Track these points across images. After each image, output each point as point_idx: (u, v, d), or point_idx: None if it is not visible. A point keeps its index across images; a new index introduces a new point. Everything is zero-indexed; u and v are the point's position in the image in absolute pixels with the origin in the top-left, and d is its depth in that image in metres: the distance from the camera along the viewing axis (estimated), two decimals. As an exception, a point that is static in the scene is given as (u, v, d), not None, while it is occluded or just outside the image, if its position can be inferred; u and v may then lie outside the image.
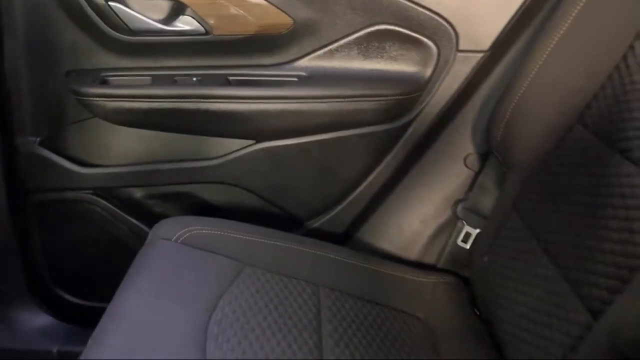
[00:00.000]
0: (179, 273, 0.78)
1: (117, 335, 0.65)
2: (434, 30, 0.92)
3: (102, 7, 0.87)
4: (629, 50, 0.70)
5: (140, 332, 0.66)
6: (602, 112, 0.70)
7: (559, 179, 0.71)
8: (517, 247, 0.75)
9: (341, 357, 0.72)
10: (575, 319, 0.58)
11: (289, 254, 0.90)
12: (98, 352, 0.62)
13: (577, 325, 0.57)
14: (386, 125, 0.98)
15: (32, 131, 0.97)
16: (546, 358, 0.60)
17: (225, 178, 1.02)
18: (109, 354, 0.62)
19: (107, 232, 1.06)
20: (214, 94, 0.93)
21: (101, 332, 0.66)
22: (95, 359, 0.61)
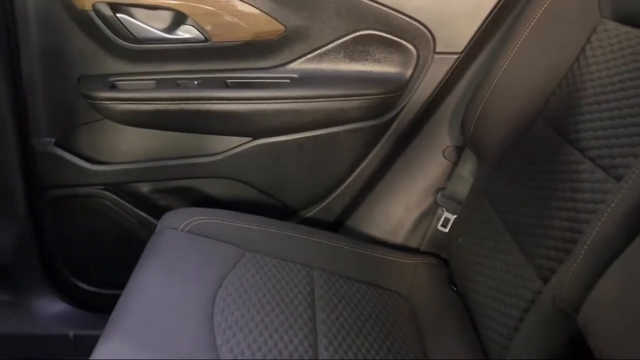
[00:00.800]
0: (186, 258, 0.87)
1: (134, 310, 0.74)
2: (413, 34, 1.01)
3: (110, 18, 0.96)
4: (581, 53, 0.79)
5: (155, 306, 0.75)
6: (558, 108, 0.80)
7: (521, 167, 0.81)
8: (486, 228, 0.84)
9: (332, 328, 0.81)
10: (530, 285, 0.68)
11: (285, 240, 0.99)
12: (120, 323, 0.71)
13: (531, 291, 0.67)
14: (371, 121, 1.07)
15: (47, 132, 1.05)
16: (505, 320, 0.70)
17: (225, 173, 1.11)
18: (129, 324, 0.71)
19: (117, 224, 1.14)
20: (213, 96, 1.02)
21: (121, 307, 0.75)
22: (117, 328, 0.70)
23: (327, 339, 0.79)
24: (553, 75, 0.82)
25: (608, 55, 0.74)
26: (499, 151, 0.88)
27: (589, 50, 0.78)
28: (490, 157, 0.91)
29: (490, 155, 0.91)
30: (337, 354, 0.76)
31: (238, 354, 0.71)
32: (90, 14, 0.95)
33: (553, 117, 0.80)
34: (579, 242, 0.58)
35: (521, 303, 0.68)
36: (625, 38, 0.72)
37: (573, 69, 0.80)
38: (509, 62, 0.88)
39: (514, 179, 0.82)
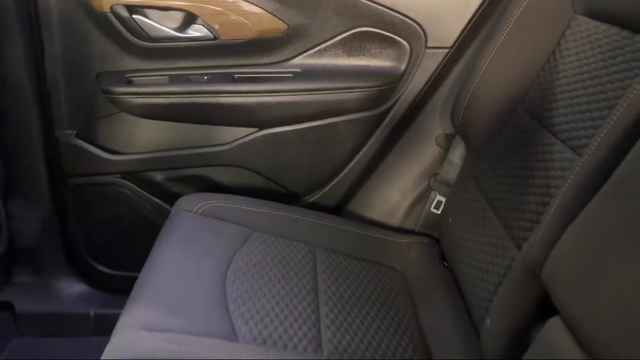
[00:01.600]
0: (200, 236, 0.96)
1: (155, 279, 0.83)
2: (406, 31, 1.09)
3: (126, 19, 1.04)
4: (557, 47, 0.87)
5: (173, 277, 0.84)
6: (536, 97, 0.88)
7: (503, 151, 0.89)
8: (472, 207, 0.93)
9: (333, 298, 0.90)
10: (507, 254, 0.76)
11: (290, 222, 1.08)
12: (143, 290, 0.80)
13: (508, 258, 0.75)
14: (368, 112, 1.15)
15: (69, 125, 1.14)
16: (486, 285, 0.78)
17: (233, 161, 1.19)
18: (151, 291, 0.80)
19: (134, 210, 1.23)
20: (222, 90, 1.11)
21: (143, 278, 0.83)
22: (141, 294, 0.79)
23: (328, 307, 0.87)
24: (532, 68, 0.90)
25: (579, 48, 0.82)
26: (484, 138, 0.96)
27: (564, 44, 0.86)
28: (476, 143, 0.99)
29: (477, 142, 0.99)
30: (337, 319, 0.85)
31: (249, 319, 0.79)
32: (108, 15, 1.04)
33: (531, 105, 0.88)
34: (546, 211, 0.66)
35: (500, 270, 0.76)
36: (594, 32, 0.80)
37: (550, 62, 0.88)
38: (492, 57, 0.96)
39: (497, 161, 0.90)
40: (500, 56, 0.96)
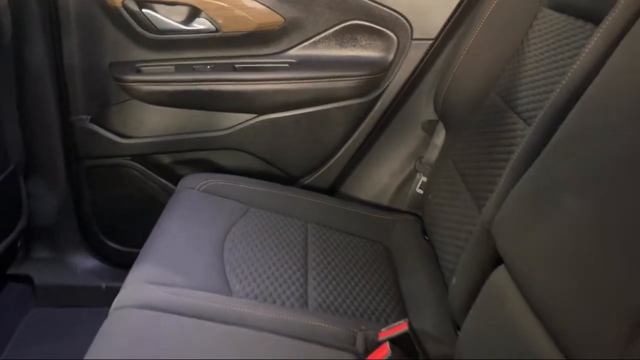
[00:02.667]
0: (201, 210, 1.06)
1: (160, 244, 0.92)
2: (393, 23, 1.18)
3: (136, 13, 1.14)
4: (525, 37, 0.96)
5: (176, 242, 0.93)
6: (507, 82, 0.96)
7: (476, 132, 0.98)
8: (449, 183, 1.02)
9: (321, 264, 0.99)
10: (473, 221, 0.85)
11: (285, 199, 1.17)
12: (149, 253, 0.90)
13: (473, 224, 0.84)
14: (359, 99, 1.24)
15: (84, 110, 1.24)
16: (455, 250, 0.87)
17: (234, 145, 1.29)
18: (156, 257, 0.89)
19: (142, 190, 1.33)
20: (223, 78, 1.20)
21: (149, 243, 0.93)
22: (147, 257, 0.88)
23: (316, 271, 0.96)
24: (503, 56, 0.99)
25: (543, 37, 0.90)
26: (461, 120, 1.05)
27: (531, 34, 0.95)
28: (454, 126, 1.08)
29: (455, 124, 1.08)
30: (323, 282, 0.94)
31: (242, 279, 0.89)
32: (120, 9, 1.14)
33: (502, 90, 0.96)
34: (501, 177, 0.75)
35: (466, 235, 0.85)
36: (556, 22, 0.88)
37: (518, 50, 0.96)
38: (469, 47, 1.05)
39: (471, 141, 0.99)
40: (476, 46, 1.04)
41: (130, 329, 0.71)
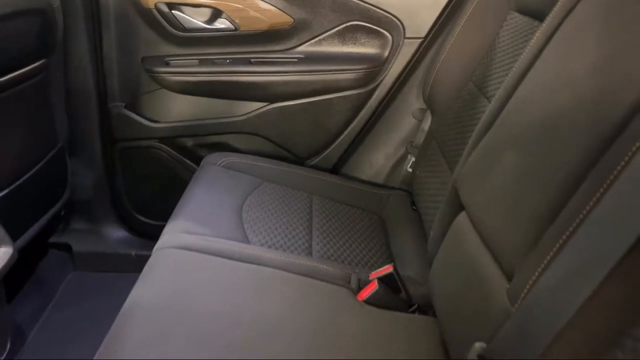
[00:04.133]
0: (222, 182, 1.24)
1: (189, 206, 1.11)
2: (388, 24, 1.36)
3: (166, 13, 1.33)
4: (497, 35, 1.13)
5: (201, 205, 1.12)
6: (482, 72, 1.14)
7: (455, 115, 1.16)
8: (433, 160, 1.19)
9: (324, 226, 1.17)
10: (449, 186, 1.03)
11: (293, 175, 1.35)
12: (180, 213, 1.08)
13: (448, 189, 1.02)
14: (358, 90, 1.42)
15: (119, 98, 1.43)
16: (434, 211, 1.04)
17: (248, 129, 1.47)
18: (187, 214, 1.08)
19: (169, 169, 1.52)
20: (240, 71, 1.39)
21: (180, 205, 1.12)
22: (179, 214, 1.07)
23: (319, 231, 1.15)
24: (480, 52, 1.16)
25: (509, 35, 1.08)
26: (445, 106, 1.23)
27: (501, 32, 1.12)
28: (438, 111, 1.26)
29: (439, 110, 1.25)
30: (325, 239, 1.12)
31: (258, 233, 1.07)
32: (152, 10, 1.33)
33: (477, 79, 1.14)
34: (470, 148, 0.93)
35: (443, 198, 1.03)
36: (519, 22, 1.06)
37: (491, 47, 1.14)
38: (451, 45, 1.23)
39: (451, 123, 1.17)
40: (457, 44, 1.22)
41: (171, 263, 0.90)
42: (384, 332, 0.86)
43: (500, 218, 0.70)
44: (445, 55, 1.24)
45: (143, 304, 0.79)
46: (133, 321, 0.75)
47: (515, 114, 0.76)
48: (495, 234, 0.70)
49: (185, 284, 0.85)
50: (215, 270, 0.90)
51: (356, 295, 0.94)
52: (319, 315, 0.85)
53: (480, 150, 0.82)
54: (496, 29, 1.13)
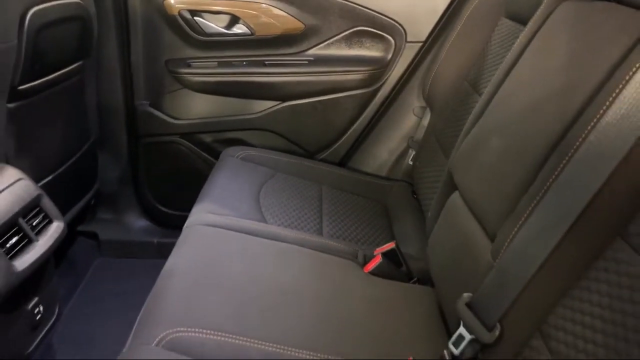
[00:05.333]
0: (240, 172, 1.36)
1: (212, 190, 1.23)
2: (391, 29, 1.49)
3: (189, 20, 1.46)
4: (489, 39, 1.26)
5: (223, 191, 1.24)
6: (475, 72, 1.26)
7: (451, 110, 1.28)
8: (430, 151, 1.32)
9: (332, 212, 1.29)
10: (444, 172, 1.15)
11: (303, 167, 1.48)
12: (205, 198, 1.20)
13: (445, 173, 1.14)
14: (364, 90, 1.55)
15: (145, 97, 1.56)
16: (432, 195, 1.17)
17: (263, 125, 1.60)
18: (211, 198, 1.20)
19: (188, 162, 1.64)
20: (255, 72, 1.52)
21: (204, 192, 1.24)
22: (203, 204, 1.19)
23: (328, 215, 1.27)
24: (474, 54, 1.29)
25: (500, 39, 1.20)
26: (442, 103, 1.35)
27: (493, 37, 1.25)
28: (437, 108, 1.38)
29: (437, 107, 1.38)
30: (334, 221, 1.25)
31: (274, 215, 1.20)
32: (176, 17, 1.46)
33: (471, 79, 1.27)
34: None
35: (439, 182, 1.15)
36: (508, 28, 1.18)
37: (484, 50, 1.26)
38: (448, 48, 1.36)
39: (448, 119, 1.29)
40: (454, 47, 1.35)
41: (200, 237, 1.02)
42: (387, 297, 0.98)
43: (486, 191, 0.82)
44: (443, 58, 1.37)
45: (179, 268, 0.91)
46: (172, 282, 0.88)
47: (500, 106, 0.89)
48: (482, 204, 0.83)
49: (213, 253, 0.98)
50: (238, 244, 1.02)
51: (362, 268, 1.06)
52: (329, 282, 0.97)
53: (471, 138, 0.94)
54: (488, 33, 1.26)
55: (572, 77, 0.72)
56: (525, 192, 0.72)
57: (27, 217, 0.93)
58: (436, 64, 1.39)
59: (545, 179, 0.69)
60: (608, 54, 0.67)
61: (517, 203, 0.73)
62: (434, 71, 1.39)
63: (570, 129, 0.68)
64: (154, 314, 0.81)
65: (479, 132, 0.92)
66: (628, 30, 0.66)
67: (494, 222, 0.77)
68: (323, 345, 0.81)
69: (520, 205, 0.72)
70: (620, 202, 0.59)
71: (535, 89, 0.81)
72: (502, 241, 0.72)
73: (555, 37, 0.83)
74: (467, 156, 0.94)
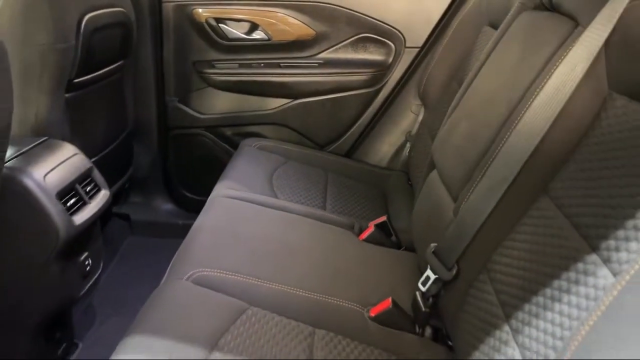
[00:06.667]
0: (256, 158, 1.56)
1: (232, 174, 1.43)
2: (392, 36, 1.69)
3: (214, 26, 1.68)
4: (474, 45, 1.45)
5: (241, 173, 1.44)
6: (462, 73, 1.45)
7: (442, 108, 1.47)
8: (423, 143, 1.51)
9: (336, 194, 1.48)
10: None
11: (312, 157, 1.67)
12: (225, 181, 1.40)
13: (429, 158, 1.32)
14: (367, 89, 1.75)
15: (174, 94, 1.78)
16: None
17: (277, 120, 1.80)
18: (231, 178, 1.40)
19: (211, 152, 1.85)
20: (272, 72, 1.73)
21: (223, 175, 1.44)
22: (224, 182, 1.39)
23: (332, 195, 1.46)
24: (461, 58, 1.48)
25: (482, 44, 1.39)
26: (434, 101, 1.54)
27: (477, 42, 1.43)
28: (430, 105, 1.57)
29: (430, 104, 1.57)
30: (337, 199, 1.44)
31: (285, 193, 1.39)
32: (203, 24, 1.68)
33: (459, 79, 1.45)
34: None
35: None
36: (488, 34, 1.37)
37: (469, 54, 1.45)
38: (440, 53, 1.55)
39: (438, 114, 1.48)
40: (445, 52, 1.54)
41: (221, 205, 1.22)
42: (375, 257, 1.17)
43: (454, 164, 1.01)
44: (435, 61, 1.56)
45: (205, 226, 1.11)
46: (199, 235, 1.08)
47: (469, 97, 1.08)
48: (450, 174, 1.01)
49: (231, 217, 1.18)
50: (253, 212, 1.22)
51: (357, 236, 1.25)
52: (328, 244, 1.17)
53: (447, 124, 1.13)
54: (474, 39, 1.45)
55: (517, 72, 0.91)
56: (479, 162, 0.91)
57: (82, 184, 1.14)
58: (429, 66, 1.58)
59: (493, 151, 0.87)
60: (542, 53, 0.85)
61: (474, 170, 0.92)
62: (428, 73, 1.58)
63: (513, 112, 0.87)
64: (185, 258, 1.01)
65: (453, 119, 1.11)
66: (557, 34, 0.85)
67: (457, 187, 0.96)
68: (318, 288, 1.00)
69: (475, 172, 0.90)
70: (544, 167, 0.77)
71: (493, 83, 1.00)
72: (461, 201, 0.91)
73: (512, 41, 1.01)
74: (443, 139, 1.13)
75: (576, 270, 0.63)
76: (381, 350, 0.90)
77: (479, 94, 1.04)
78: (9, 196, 1.00)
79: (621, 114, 0.68)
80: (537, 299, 0.67)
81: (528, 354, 0.65)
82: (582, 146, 0.72)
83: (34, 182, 1.01)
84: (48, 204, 1.02)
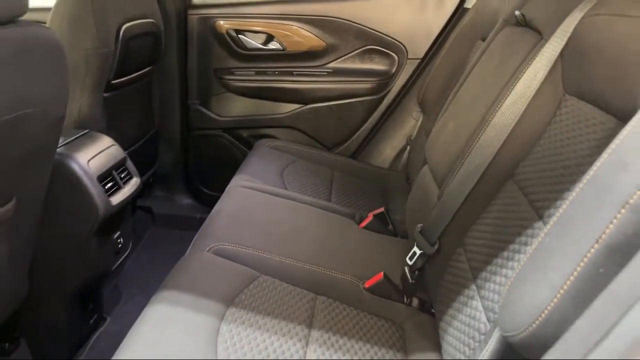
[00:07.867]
0: (268, 157, 1.73)
1: (247, 168, 1.60)
2: (396, 48, 1.85)
3: (234, 37, 1.86)
4: (470, 53, 1.60)
5: (254, 169, 1.60)
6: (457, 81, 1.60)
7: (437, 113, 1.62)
8: (420, 144, 1.66)
9: (341, 188, 1.64)
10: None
11: (320, 157, 1.83)
12: (242, 173, 1.57)
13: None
14: (372, 97, 1.91)
15: (196, 97, 1.95)
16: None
17: (289, 124, 1.97)
18: (246, 173, 1.56)
19: (229, 152, 2.02)
20: (285, 80, 1.90)
21: (239, 171, 1.61)
22: (240, 175, 1.55)
23: (336, 190, 1.62)
24: (456, 69, 1.63)
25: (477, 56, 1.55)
26: (432, 109, 1.70)
27: (471, 55, 1.59)
28: (428, 112, 1.73)
29: (428, 110, 1.73)
30: (341, 193, 1.59)
31: (294, 186, 1.55)
32: (224, 35, 1.86)
33: (452, 87, 1.60)
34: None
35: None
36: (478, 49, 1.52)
37: (464, 65, 1.61)
38: (438, 64, 1.71)
39: (434, 118, 1.63)
40: (443, 63, 1.70)
41: (237, 194, 1.39)
42: (372, 242, 1.32)
43: (440, 158, 1.17)
44: (433, 71, 1.72)
45: (223, 209, 1.28)
46: (218, 216, 1.24)
47: (457, 101, 1.24)
48: (437, 166, 1.17)
49: (246, 203, 1.34)
50: (265, 200, 1.38)
51: (358, 225, 1.40)
52: (331, 229, 1.32)
53: (438, 125, 1.29)
54: (468, 52, 1.60)
55: (494, 79, 1.06)
56: (461, 153, 1.06)
57: (118, 171, 1.31)
58: (428, 75, 1.74)
59: (472, 141, 1.02)
60: (512, 62, 1.01)
61: (456, 160, 1.07)
62: (427, 82, 1.74)
63: (489, 110, 1.02)
64: (207, 233, 1.17)
65: (442, 121, 1.27)
66: (526, 46, 1.00)
67: (441, 175, 1.11)
68: (321, 262, 1.16)
69: (457, 161, 1.06)
70: (512, 156, 0.92)
71: (476, 88, 1.15)
72: (444, 187, 1.06)
73: (493, 52, 1.17)
74: (433, 138, 1.28)
75: (526, 235, 0.78)
76: (373, 315, 1.05)
77: (464, 98, 1.19)
78: (58, 178, 1.16)
79: (570, 111, 0.83)
80: (496, 260, 0.82)
81: (486, 303, 0.80)
82: (542, 138, 0.87)
83: (79, 167, 1.18)
84: (90, 186, 1.18)
